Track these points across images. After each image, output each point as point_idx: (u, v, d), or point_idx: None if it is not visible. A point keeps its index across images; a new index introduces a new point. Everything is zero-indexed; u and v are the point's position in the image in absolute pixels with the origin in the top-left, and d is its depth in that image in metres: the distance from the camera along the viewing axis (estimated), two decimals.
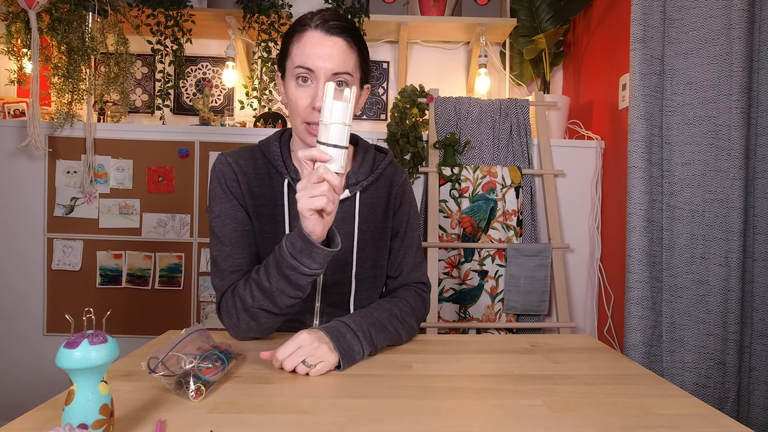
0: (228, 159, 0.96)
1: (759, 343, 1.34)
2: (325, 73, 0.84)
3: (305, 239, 0.77)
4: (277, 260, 0.81)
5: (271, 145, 0.96)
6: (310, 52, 0.84)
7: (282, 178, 0.95)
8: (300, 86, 0.86)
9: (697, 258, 1.39)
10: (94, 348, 0.50)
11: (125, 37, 1.96)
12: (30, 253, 1.90)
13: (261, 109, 2.24)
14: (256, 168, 0.96)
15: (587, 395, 0.68)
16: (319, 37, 0.85)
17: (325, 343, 0.77)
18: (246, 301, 0.85)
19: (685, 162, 1.40)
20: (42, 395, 1.94)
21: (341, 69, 0.85)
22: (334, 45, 0.85)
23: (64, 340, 0.50)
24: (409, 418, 0.61)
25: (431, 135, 1.95)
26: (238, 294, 0.87)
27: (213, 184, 0.96)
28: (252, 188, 0.95)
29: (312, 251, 0.77)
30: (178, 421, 0.59)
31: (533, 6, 2.22)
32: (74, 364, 0.49)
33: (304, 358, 0.75)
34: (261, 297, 0.83)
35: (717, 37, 1.35)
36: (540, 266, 1.85)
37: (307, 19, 0.87)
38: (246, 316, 0.86)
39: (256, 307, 0.84)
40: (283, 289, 0.81)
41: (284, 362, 0.75)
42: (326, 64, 0.84)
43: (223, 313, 0.90)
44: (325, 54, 0.84)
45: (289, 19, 2.13)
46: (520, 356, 0.86)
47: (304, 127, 0.88)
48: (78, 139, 1.90)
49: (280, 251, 0.80)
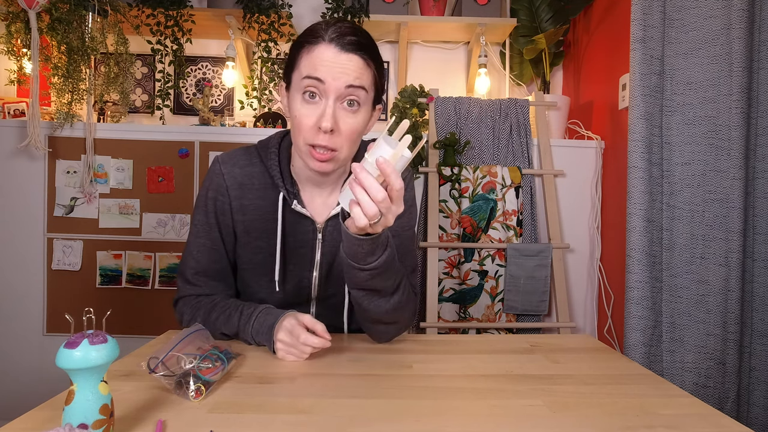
0: (222, 169, 0.91)
1: (759, 343, 1.34)
2: (336, 89, 0.76)
3: (270, 336, 0.82)
4: (239, 327, 0.87)
5: (270, 152, 0.90)
6: (320, 65, 0.76)
7: (277, 190, 0.89)
8: (306, 102, 0.78)
9: (697, 258, 1.39)
10: (94, 348, 0.50)
11: (125, 37, 1.96)
12: (30, 253, 1.90)
13: (261, 109, 2.24)
14: (252, 176, 0.90)
15: (587, 395, 0.68)
16: (333, 52, 0.76)
17: None
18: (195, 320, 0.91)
19: (685, 162, 1.40)
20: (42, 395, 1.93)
21: (357, 82, 0.77)
22: (349, 61, 0.77)
23: (64, 340, 0.50)
24: (409, 418, 0.61)
25: (431, 135, 1.95)
26: (193, 315, 0.92)
27: (200, 193, 0.94)
28: (244, 201, 0.90)
29: (269, 340, 0.83)
30: (178, 421, 0.59)
31: (533, 6, 2.22)
32: (74, 364, 0.49)
33: None
34: (209, 325, 0.89)
35: (717, 37, 1.35)
36: (540, 266, 1.85)
37: (320, 30, 0.78)
38: None
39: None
40: (228, 334, 0.90)
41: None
42: (341, 77, 0.76)
43: (177, 313, 0.97)
44: (338, 69, 0.76)
45: (289, 19, 2.13)
46: (520, 356, 0.86)
47: (307, 149, 0.80)
48: (78, 139, 1.90)
49: (245, 328, 0.86)
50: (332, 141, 0.78)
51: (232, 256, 0.96)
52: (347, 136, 0.80)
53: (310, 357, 0.81)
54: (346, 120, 0.79)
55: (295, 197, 0.89)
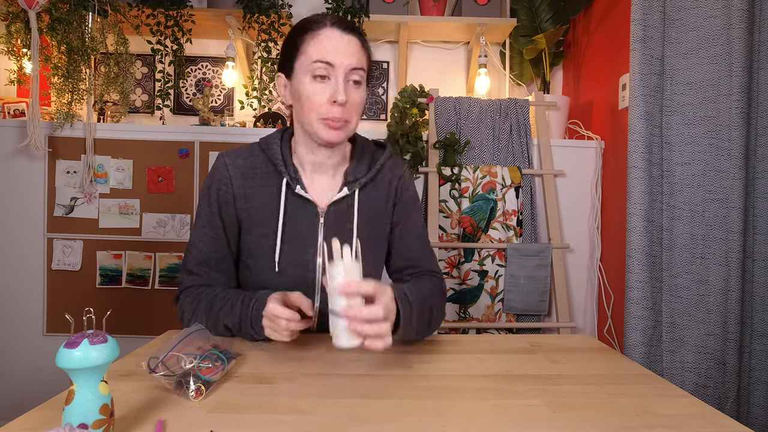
0: (225, 160, 0.96)
1: (759, 343, 1.34)
2: (344, 67, 0.86)
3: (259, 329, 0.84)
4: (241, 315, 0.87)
5: (272, 143, 0.96)
6: (330, 47, 0.86)
7: (281, 176, 0.95)
8: (318, 82, 0.86)
9: (697, 258, 1.39)
10: (94, 348, 0.50)
11: (125, 37, 1.96)
12: (30, 253, 1.90)
13: (261, 109, 2.24)
14: (254, 167, 0.96)
15: (587, 395, 0.68)
16: (338, 34, 0.87)
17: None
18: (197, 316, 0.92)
19: (685, 162, 1.40)
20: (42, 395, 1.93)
21: (359, 64, 0.87)
22: (351, 41, 0.87)
23: (64, 340, 0.51)
24: (409, 418, 0.61)
25: (431, 135, 1.95)
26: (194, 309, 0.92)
27: (204, 186, 0.98)
28: (247, 190, 0.95)
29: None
30: (178, 421, 0.59)
31: (533, 6, 2.22)
32: (74, 363, 0.49)
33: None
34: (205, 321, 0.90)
35: (717, 37, 1.35)
36: (540, 266, 1.85)
37: (320, 18, 0.89)
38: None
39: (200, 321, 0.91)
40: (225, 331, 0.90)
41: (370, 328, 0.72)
42: (346, 59, 0.86)
43: (178, 309, 0.96)
44: (344, 50, 0.86)
45: (289, 19, 2.13)
46: (520, 356, 0.86)
47: (320, 122, 0.88)
48: (78, 139, 1.90)
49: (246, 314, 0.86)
50: (344, 113, 0.88)
51: (234, 247, 0.98)
52: (355, 108, 0.90)
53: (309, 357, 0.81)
54: (353, 94, 0.89)
55: (298, 182, 0.94)
